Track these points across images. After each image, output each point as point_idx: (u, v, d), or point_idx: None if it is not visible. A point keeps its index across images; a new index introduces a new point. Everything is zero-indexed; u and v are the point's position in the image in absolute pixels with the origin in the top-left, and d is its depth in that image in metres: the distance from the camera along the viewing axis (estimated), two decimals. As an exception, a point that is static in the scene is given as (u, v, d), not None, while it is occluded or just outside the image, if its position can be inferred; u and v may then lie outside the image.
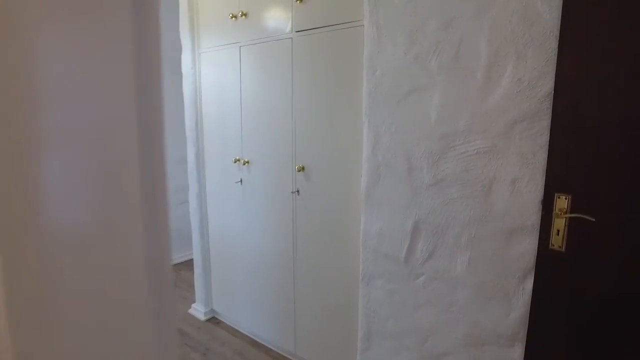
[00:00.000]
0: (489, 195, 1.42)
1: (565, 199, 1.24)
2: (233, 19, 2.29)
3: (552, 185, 1.27)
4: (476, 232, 1.47)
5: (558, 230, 1.27)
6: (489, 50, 1.36)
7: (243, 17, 2.25)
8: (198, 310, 2.83)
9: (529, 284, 1.37)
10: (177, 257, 3.78)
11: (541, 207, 1.30)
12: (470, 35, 1.40)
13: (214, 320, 2.78)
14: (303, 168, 2.05)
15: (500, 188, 1.39)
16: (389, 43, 1.60)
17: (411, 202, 1.62)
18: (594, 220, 1.19)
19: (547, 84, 1.25)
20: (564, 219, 1.25)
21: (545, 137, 1.28)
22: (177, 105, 2.76)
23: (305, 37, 1.95)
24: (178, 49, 2.63)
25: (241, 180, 2.43)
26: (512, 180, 1.36)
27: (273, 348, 2.42)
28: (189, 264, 3.47)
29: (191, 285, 3.08)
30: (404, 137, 1.61)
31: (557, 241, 1.28)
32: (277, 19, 2.08)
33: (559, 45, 1.21)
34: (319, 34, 1.89)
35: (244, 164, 2.38)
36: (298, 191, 2.10)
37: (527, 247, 1.36)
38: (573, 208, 1.23)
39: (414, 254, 1.64)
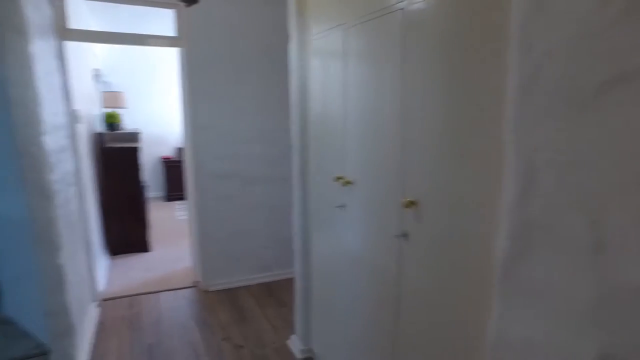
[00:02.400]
0: None
1: None
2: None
3: None
4: None
5: None
6: None
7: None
8: (296, 346, 2.43)
9: None
10: (283, 273, 3.46)
11: None
12: None
13: (312, 361, 2.35)
14: (413, 203, 1.36)
15: None
16: (566, -11, 0.80)
17: (597, 309, 0.80)
18: None
19: None
20: None
21: None
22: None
23: (423, 6, 1.25)
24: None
25: (343, 206, 1.87)
26: None
27: None
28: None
29: (291, 309, 2.70)
30: (587, 176, 0.79)
31: None
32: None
33: None
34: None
35: (346, 184, 1.81)
36: (405, 235, 1.43)
37: None
38: None
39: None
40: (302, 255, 2.37)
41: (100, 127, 4.22)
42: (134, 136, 4.12)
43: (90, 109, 3.95)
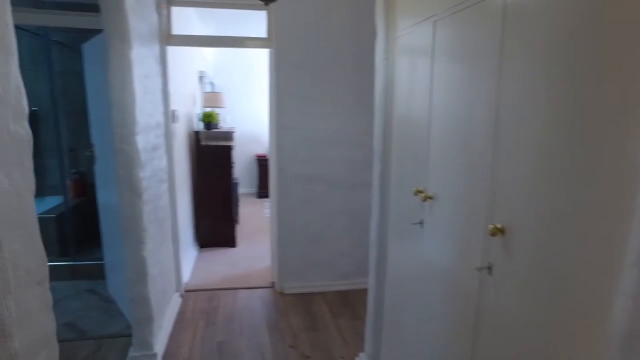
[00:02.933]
0: None
1: None
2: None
3: None
4: None
5: None
6: None
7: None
8: (365, 368, 2.27)
9: None
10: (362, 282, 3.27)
11: None
12: None
13: (383, 387, 2.15)
14: (501, 231, 1.12)
15: None
16: None
17: None
18: None
19: None
20: None
21: None
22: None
23: (529, -15, 1.00)
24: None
25: (421, 223, 1.66)
26: None
27: None
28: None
29: (364, 323, 2.52)
30: None
31: None
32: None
33: None
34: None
35: (426, 199, 1.60)
36: (489, 268, 1.18)
37: None
38: None
39: None
40: (376, 269, 2.20)
41: (198, 126, 4.50)
42: (228, 135, 4.31)
43: (191, 109, 4.23)
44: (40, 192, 3.74)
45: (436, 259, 1.55)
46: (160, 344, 2.39)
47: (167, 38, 2.80)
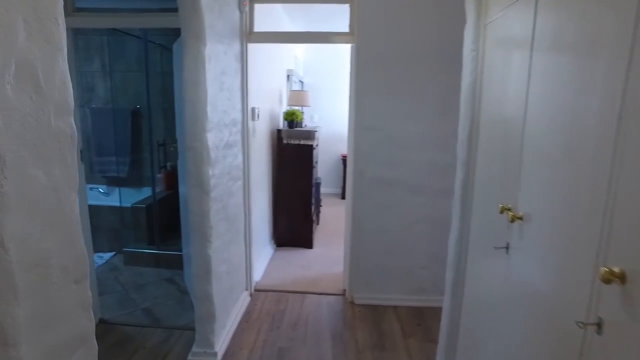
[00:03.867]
0: None
1: None
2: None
3: None
4: None
5: None
6: None
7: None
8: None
9: None
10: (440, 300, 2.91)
11: None
12: None
13: None
14: (620, 278, 0.81)
15: None
16: None
17: None
18: None
19: None
20: None
21: None
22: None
23: None
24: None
25: (507, 247, 1.36)
26: None
27: None
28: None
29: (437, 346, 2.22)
30: None
31: None
32: None
33: None
34: None
35: (514, 219, 1.29)
36: (599, 326, 0.87)
37: None
38: None
39: None
40: (452, 289, 1.92)
41: (282, 125, 4.52)
42: (309, 134, 4.25)
43: (275, 107, 4.25)
44: (139, 183, 4.02)
45: (525, 294, 1.25)
46: (221, 343, 2.38)
47: (248, 35, 2.79)
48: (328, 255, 4.04)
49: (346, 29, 2.86)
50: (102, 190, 4.61)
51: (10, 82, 0.85)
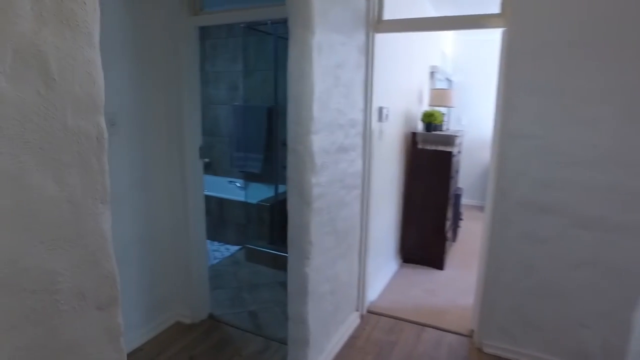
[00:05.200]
0: None
1: None
2: None
3: None
4: None
5: None
6: None
7: None
8: None
9: None
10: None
11: None
12: None
13: None
14: None
15: None
16: None
17: None
18: None
19: None
20: None
21: None
22: None
23: None
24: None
25: None
26: None
27: None
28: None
29: None
30: None
31: None
32: None
33: None
34: None
35: None
36: None
37: None
38: None
39: None
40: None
41: (420, 127, 4.04)
42: (449, 139, 3.68)
43: (413, 108, 3.81)
44: (270, 180, 4.03)
45: None
46: (315, 372, 2.12)
47: (376, 24, 2.44)
48: (460, 281, 3.43)
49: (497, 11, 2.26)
50: (238, 185, 4.87)
51: (5, 71, 0.70)
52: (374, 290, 3.10)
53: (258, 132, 4.39)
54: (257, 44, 4.49)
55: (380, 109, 2.76)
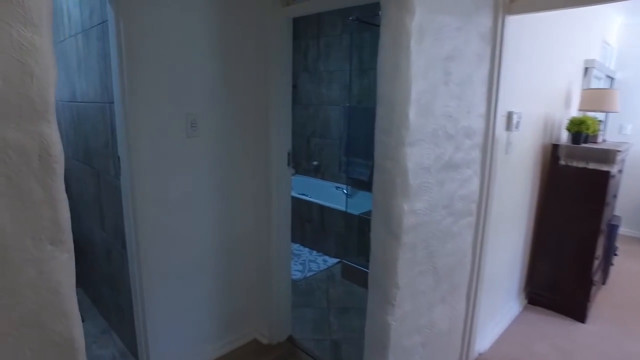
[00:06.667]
0: None
1: None
2: None
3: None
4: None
5: None
6: None
7: None
8: None
9: None
10: None
11: None
12: None
13: None
14: None
15: None
16: None
17: None
18: None
19: None
20: None
21: None
22: None
23: None
24: None
25: None
26: None
27: None
28: None
29: None
30: None
31: None
32: None
33: None
34: None
35: None
36: None
37: None
38: None
39: None
40: None
41: (564, 138, 3.20)
42: (607, 155, 2.80)
43: (553, 113, 3.02)
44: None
45: None
46: None
47: (509, 3, 1.86)
48: (610, 342, 2.58)
49: None
50: (345, 192, 4.56)
51: None
52: (485, 338, 2.48)
53: (369, 135, 4.02)
54: (372, 40, 4.13)
55: (510, 115, 2.16)
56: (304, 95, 4.96)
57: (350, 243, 3.63)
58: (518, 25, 1.97)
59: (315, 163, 5.04)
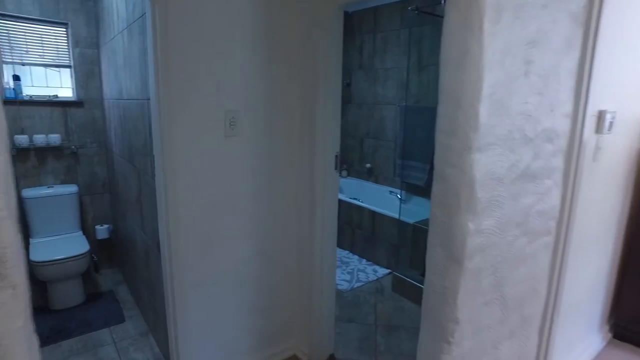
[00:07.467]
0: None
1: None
2: None
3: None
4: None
5: None
6: None
7: None
8: None
9: None
10: None
11: None
12: None
13: None
14: None
15: None
16: None
17: None
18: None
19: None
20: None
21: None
22: None
23: None
24: None
25: None
26: None
27: None
28: None
29: None
30: None
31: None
32: None
33: None
34: None
35: None
36: None
37: None
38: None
39: None
40: None
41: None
42: None
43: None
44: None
45: None
46: None
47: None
48: None
49: None
50: (399, 197, 4.27)
51: None
52: (562, 379, 2.11)
53: (427, 137, 3.71)
54: (432, 33, 3.81)
55: (602, 114, 1.79)
56: (357, 93, 4.72)
57: (403, 253, 3.35)
58: (621, 2, 1.61)
59: (368, 165, 4.79)
